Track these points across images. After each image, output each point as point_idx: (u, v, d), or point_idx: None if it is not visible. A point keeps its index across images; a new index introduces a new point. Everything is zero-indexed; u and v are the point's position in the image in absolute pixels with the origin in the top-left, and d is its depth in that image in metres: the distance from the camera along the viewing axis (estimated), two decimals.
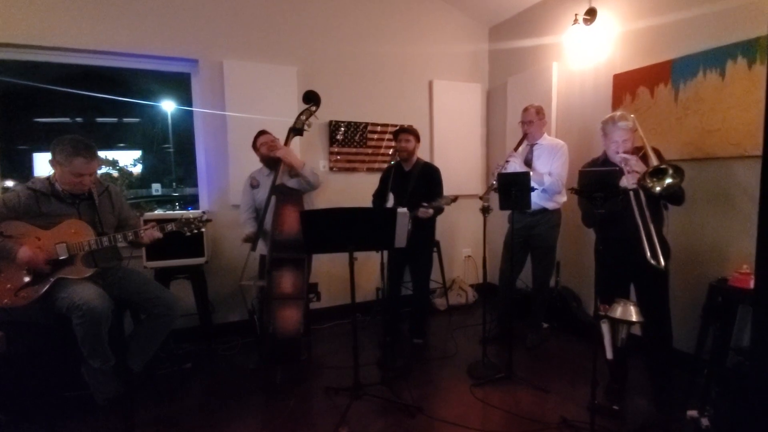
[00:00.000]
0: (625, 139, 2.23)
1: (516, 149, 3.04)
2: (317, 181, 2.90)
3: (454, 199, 2.84)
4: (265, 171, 3.00)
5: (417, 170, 3.17)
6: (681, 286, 2.68)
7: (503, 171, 2.83)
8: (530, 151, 3.14)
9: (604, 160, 2.37)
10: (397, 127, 3.30)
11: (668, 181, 1.97)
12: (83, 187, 2.24)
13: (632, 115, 2.26)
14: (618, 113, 2.27)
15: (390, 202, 3.17)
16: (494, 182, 2.66)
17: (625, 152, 2.20)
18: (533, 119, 3.06)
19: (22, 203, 2.15)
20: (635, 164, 2.13)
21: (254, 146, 3.01)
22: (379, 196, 3.31)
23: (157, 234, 2.32)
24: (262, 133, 3.01)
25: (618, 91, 3.13)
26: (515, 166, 2.98)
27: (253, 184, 3.02)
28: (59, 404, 2.39)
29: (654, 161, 2.00)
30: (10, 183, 3.38)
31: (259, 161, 3.03)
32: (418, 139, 3.21)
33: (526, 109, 3.11)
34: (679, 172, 1.96)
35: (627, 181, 2.11)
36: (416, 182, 3.12)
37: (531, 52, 3.95)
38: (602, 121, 2.33)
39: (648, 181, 1.99)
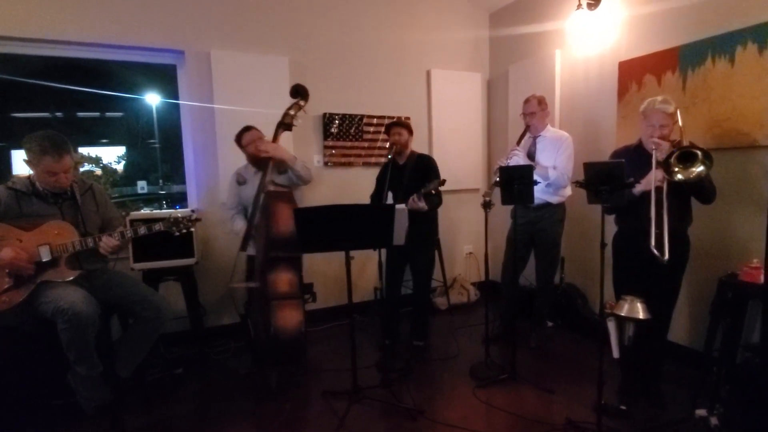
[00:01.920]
0: (662, 124, 2.24)
1: (519, 143, 3.04)
2: (309, 175, 2.91)
3: (442, 182, 2.82)
4: (252, 168, 2.99)
5: (411, 163, 3.18)
6: (690, 282, 2.70)
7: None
8: (533, 144, 3.15)
9: (637, 146, 2.40)
10: (388, 122, 3.31)
11: (695, 170, 1.99)
12: (61, 185, 2.24)
13: (677, 104, 2.27)
14: (660, 97, 2.28)
15: (389, 202, 3.17)
16: (497, 179, 2.66)
17: (660, 138, 2.22)
18: (535, 110, 3.06)
19: (2, 203, 2.15)
20: (667, 151, 2.13)
21: (239, 143, 2.97)
22: (377, 197, 3.31)
23: (114, 242, 2.25)
24: (247, 129, 2.96)
25: (624, 79, 3.14)
26: (519, 160, 2.99)
27: (239, 181, 3.01)
28: (44, 413, 2.40)
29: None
30: None
31: (245, 159, 3.00)
32: (410, 131, 3.23)
33: (527, 100, 3.11)
34: (708, 158, 1.97)
35: (657, 176, 2.13)
36: (410, 175, 3.13)
37: (533, 39, 3.95)
38: (645, 102, 2.34)
39: (673, 164, 2.01)
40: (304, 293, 3.54)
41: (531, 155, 3.12)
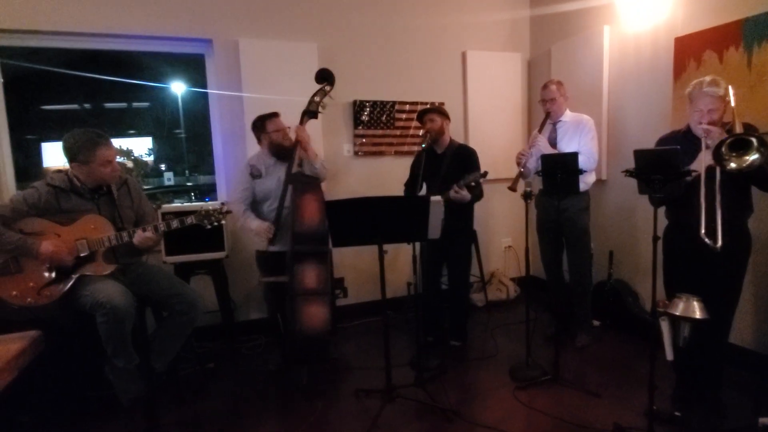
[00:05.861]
0: (711, 108, 2.15)
1: (540, 130, 3.10)
2: (325, 174, 2.99)
3: (484, 173, 2.84)
4: (270, 160, 2.98)
5: (450, 152, 3.18)
6: (754, 279, 2.62)
7: (530, 156, 3.02)
8: (553, 130, 3.17)
9: (686, 132, 2.33)
10: (420, 108, 3.38)
11: (750, 158, 1.87)
12: (115, 174, 2.39)
13: (727, 84, 2.16)
14: (708, 78, 2.18)
15: (423, 192, 3.19)
16: (521, 170, 2.76)
17: (710, 123, 2.13)
18: (556, 96, 3.10)
19: (42, 199, 2.30)
20: (719, 137, 2.03)
21: (261, 128, 2.96)
22: (411, 186, 3.35)
23: (148, 235, 2.36)
24: (275, 115, 2.98)
25: (680, 56, 3.03)
26: (541, 148, 3.06)
27: (254, 173, 2.97)
28: (83, 404, 2.58)
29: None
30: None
31: (259, 145, 3.05)
32: (445, 116, 3.23)
33: (545, 86, 3.15)
34: (764, 146, 1.86)
35: (706, 157, 2.04)
36: (450, 165, 3.13)
37: (578, 15, 3.85)
38: (690, 85, 2.26)
39: (725, 153, 1.91)
40: (335, 288, 3.61)
41: (552, 142, 3.15)
